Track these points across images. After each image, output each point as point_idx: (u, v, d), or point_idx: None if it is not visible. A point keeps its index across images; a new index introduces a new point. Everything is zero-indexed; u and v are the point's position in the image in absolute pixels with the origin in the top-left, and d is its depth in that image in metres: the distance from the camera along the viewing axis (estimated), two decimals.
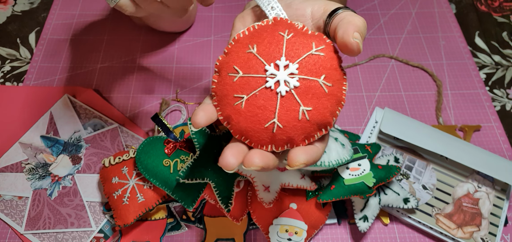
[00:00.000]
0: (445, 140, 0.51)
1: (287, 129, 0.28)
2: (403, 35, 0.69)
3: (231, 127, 0.29)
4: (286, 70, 0.28)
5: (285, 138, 0.28)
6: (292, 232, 0.45)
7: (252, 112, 0.28)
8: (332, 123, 0.29)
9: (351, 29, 0.28)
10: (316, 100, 0.28)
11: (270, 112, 0.28)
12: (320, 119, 0.28)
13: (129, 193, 0.45)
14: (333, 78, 0.29)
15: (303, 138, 0.28)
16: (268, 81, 0.28)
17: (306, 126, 0.28)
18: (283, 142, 0.28)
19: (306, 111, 0.28)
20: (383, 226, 0.49)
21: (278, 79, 0.28)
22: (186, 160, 0.46)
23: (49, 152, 0.54)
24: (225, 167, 0.27)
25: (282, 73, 0.28)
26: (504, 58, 0.66)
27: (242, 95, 0.29)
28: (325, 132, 0.29)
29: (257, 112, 0.28)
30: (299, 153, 0.28)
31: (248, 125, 0.29)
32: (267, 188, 0.43)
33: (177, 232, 0.48)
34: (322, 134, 0.29)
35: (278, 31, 0.30)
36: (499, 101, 0.61)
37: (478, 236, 0.47)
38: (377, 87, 0.62)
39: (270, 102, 0.28)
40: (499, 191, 0.49)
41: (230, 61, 0.30)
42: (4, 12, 0.72)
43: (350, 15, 0.29)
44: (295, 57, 0.29)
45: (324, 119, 0.28)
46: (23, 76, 0.62)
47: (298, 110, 0.28)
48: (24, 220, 0.49)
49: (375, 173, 0.45)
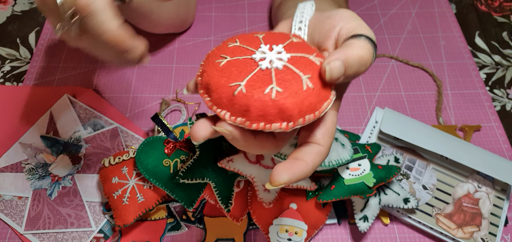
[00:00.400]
0: (445, 140, 0.51)
1: (250, 98, 0.26)
2: (403, 35, 0.69)
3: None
4: (274, 52, 0.28)
5: (243, 105, 0.27)
6: (292, 232, 0.45)
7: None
8: (295, 122, 0.26)
9: (336, 56, 0.27)
10: (290, 88, 0.26)
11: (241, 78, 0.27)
12: (286, 107, 0.26)
13: (129, 193, 0.45)
14: (318, 85, 0.27)
15: (260, 115, 0.26)
16: (255, 55, 0.28)
17: (273, 105, 0.26)
18: (246, 113, 0.27)
19: (276, 91, 0.26)
20: (383, 226, 0.49)
21: (266, 57, 0.28)
22: (186, 160, 0.45)
23: (49, 152, 0.54)
24: (195, 137, 0.27)
25: (271, 53, 0.28)
26: (504, 58, 0.66)
27: (236, 81, 0.27)
28: (285, 127, 0.26)
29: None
30: (281, 171, 0.26)
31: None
32: (267, 188, 0.43)
33: (177, 232, 0.48)
34: (280, 126, 0.26)
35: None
36: (499, 101, 0.61)
37: (478, 236, 0.47)
38: (377, 87, 0.62)
39: (248, 69, 0.28)
40: (499, 191, 0.49)
41: (216, 53, 0.29)
42: (4, 12, 0.72)
43: (357, 44, 0.28)
44: (290, 51, 0.28)
45: (289, 110, 0.26)
46: (23, 76, 0.62)
47: (270, 88, 0.26)
48: (24, 220, 0.49)
49: (375, 173, 0.45)
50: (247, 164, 0.43)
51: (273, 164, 0.44)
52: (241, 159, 0.43)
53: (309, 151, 0.28)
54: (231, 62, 0.28)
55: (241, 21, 0.70)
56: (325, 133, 0.29)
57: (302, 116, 0.26)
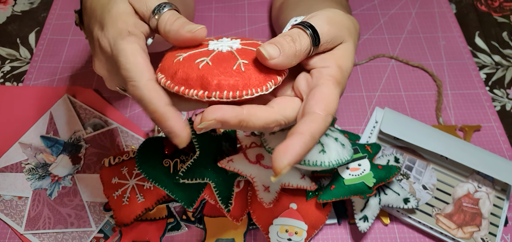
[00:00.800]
0: (445, 140, 0.51)
1: (181, 65, 0.28)
2: (403, 35, 0.69)
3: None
4: (229, 42, 0.31)
5: (174, 70, 0.29)
6: (292, 232, 0.45)
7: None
8: (210, 92, 0.27)
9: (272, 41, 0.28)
10: (219, 65, 0.28)
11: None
12: (206, 77, 0.27)
13: (129, 193, 0.45)
14: (252, 71, 0.28)
15: (184, 78, 0.28)
16: (211, 45, 0.30)
17: (197, 73, 0.28)
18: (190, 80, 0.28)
19: (206, 63, 0.28)
20: (383, 226, 0.49)
21: (219, 45, 0.30)
22: (186, 160, 0.46)
23: (49, 152, 0.54)
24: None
25: (226, 42, 0.31)
26: (504, 58, 0.66)
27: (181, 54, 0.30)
28: (200, 95, 0.27)
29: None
30: (279, 156, 0.25)
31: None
32: (267, 188, 0.43)
33: (177, 232, 0.48)
34: (197, 93, 0.27)
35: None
36: (499, 101, 0.61)
37: (478, 236, 0.47)
38: (377, 87, 0.62)
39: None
40: (499, 191, 0.49)
41: (171, 55, 0.31)
42: (4, 12, 0.72)
43: (292, 31, 0.29)
44: (244, 44, 0.30)
45: (209, 81, 0.27)
46: (23, 76, 0.62)
47: (201, 60, 0.28)
48: (24, 220, 0.49)
49: (375, 173, 0.45)
50: (247, 164, 0.43)
51: None
52: (241, 159, 0.43)
53: (302, 121, 0.27)
54: (189, 53, 0.30)
55: (241, 21, 0.70)
56: (319, 100, 0.28)
57: (220, 90, 0.27)
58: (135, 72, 0.28)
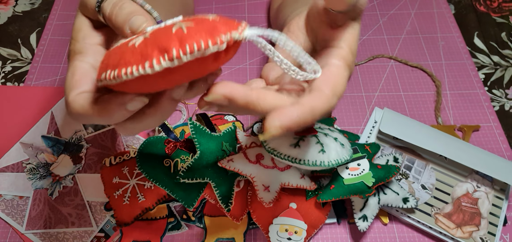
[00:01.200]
0: (444, 139, 0.51)
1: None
2: (402, 36, 0.69)
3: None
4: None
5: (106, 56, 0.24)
6: (292, 232, 0.45)
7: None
8: (170, 54, 0.21)
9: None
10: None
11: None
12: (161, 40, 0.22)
13: (129, 193, 0.45)
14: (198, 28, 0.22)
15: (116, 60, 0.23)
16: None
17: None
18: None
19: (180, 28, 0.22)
20: (382, 226, 0.50)
21: None
22: (187, 159, 0.46)
23: (50, 151, 0.54)
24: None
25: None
26: (503, 59, 0.67)
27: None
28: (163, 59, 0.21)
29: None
30: (272, 116, 0.24)
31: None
32: (267, 188, 0.43)
33: (178, 231, 0.49)
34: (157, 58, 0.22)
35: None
36: (498, 101, 0.61)
37: (477, 236, 0.47)
38: (376, 88, 0.62)
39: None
40: (498, 191, 0.50)
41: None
42: (5, 12, 0.72)
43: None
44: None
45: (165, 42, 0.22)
46: (24, 77, 0.62)
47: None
48: (25, 219, 0.49)
49: (374, 172, 0.45)
50: (247, 164, 0.43)
51: (273, 164, 0.44)
52: (241, 159, 0.44)
53: (306, 95, 0.26)
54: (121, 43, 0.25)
55: None
56: (327, 79, 0.27)
57: (181, 47, 0.22)
58: (68, 88, 0.26)
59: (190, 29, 0.22)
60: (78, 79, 0.26)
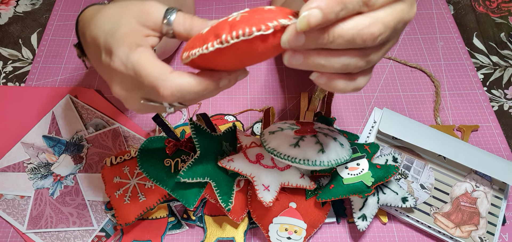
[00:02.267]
0: (443, 139, 0.52)
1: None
2: (402, 36, 0.69)
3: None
4: None
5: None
6: (291, 231, 0.45)
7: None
8: (220, 38, 0.27)
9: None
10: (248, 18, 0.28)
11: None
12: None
13: (130, 192, 0.46)
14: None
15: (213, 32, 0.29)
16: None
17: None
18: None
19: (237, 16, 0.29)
20: (381, 225, 0.50)
21: None
22: (187, 159, 0.46)
23: (51, 151, 0.54)
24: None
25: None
26: (501, 59, 0.67)
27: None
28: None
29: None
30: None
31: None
32: (267, 187, 0.43)
33: (178, 231, 0.49)
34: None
35: None
36: (496, 101, 0.62)
37: (476, 235, 0.47)
38: (375, 88, 0.62)
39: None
40: (497, 191, 0.50)
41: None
42: (6, 13, 0.72)
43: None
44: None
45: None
46: (25, 77, 0.63)
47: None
48: (26, 219, 0.49)
49: (373, 172, 0.45)
50: (247, 164, 0.44)
51: (273, 164, 0.44)
52: (241, 159, 0.44)
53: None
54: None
55: None
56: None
57: (260, 24, 0.27)
58: (159, 72, 0.29)
59: (242, 17, 0.28)
60: (162, 64, 0.30)
